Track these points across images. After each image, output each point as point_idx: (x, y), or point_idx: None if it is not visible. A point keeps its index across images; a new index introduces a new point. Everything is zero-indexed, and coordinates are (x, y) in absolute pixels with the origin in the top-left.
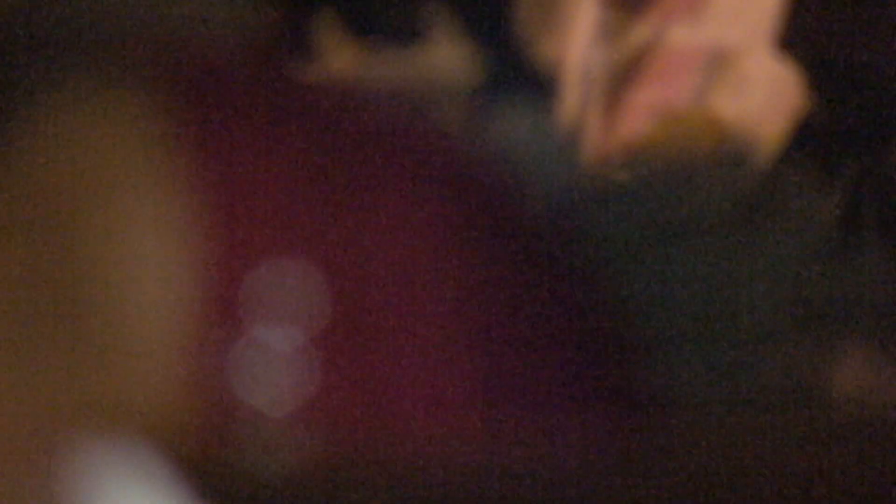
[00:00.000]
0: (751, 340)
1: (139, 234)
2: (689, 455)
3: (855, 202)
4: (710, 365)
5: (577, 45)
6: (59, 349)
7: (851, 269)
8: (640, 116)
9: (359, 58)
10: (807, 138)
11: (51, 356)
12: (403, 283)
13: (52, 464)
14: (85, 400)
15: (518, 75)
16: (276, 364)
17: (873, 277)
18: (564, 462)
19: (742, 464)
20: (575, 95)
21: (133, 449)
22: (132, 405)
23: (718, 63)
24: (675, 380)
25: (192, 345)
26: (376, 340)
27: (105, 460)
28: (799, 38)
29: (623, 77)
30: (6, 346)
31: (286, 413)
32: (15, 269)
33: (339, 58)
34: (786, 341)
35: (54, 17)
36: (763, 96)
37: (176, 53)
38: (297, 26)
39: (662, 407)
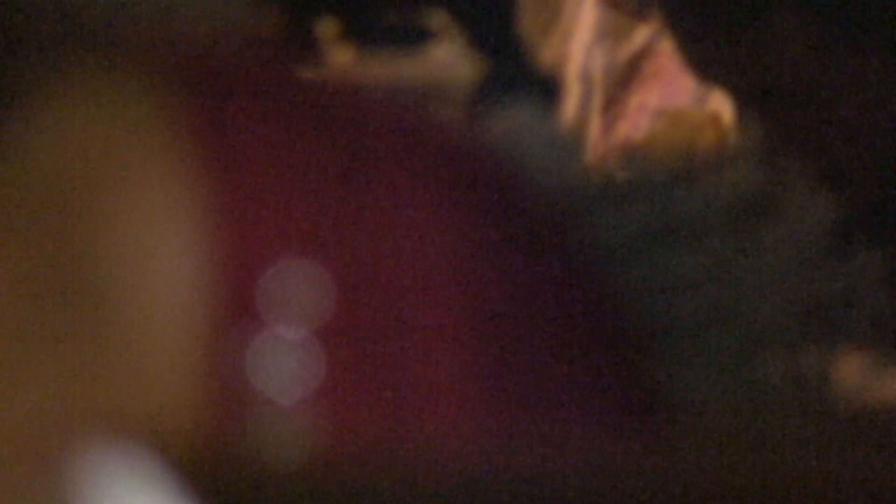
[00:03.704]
0: (750, 340)
1: (147, 233)
2: (690, 455)
3: (852, 203)
4: (710, 364)
5: (578, 46)
6: (65, 348)
7: (849, 269)
8: (640, 116)
9: (360, 58)
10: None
11: (56, 355)
12: (408, 280)
13: (56, 465)
14: (88, 399)
15: (520, 76)
16: (287, 362)
17: (870, 277)
18: (567, 463)
19: (742, 463)
20: (576, 96)
21: (138, 451)
22: (138, 405)
23: None
24: (676, 379)
25: (201, 343)
26: (382, 338)
27: (110, 462)
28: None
29: (623, 78)
30: (11, 346)
31: (295, 412)
32: (21, 267)
33: (340, 58)
34: (786, 341)
35: (60, 12)
36: None
37: (180, 52)
38: (300, 26)
39: (663, 406)
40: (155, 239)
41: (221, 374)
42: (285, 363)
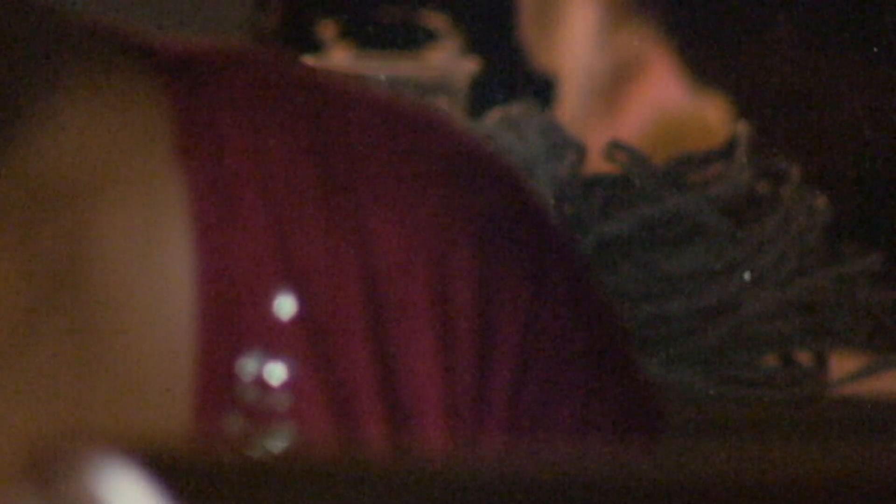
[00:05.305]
0: (745, 337)
1: (143, 240)
2: (685, 450)
3: (846, 202)
4: (705, 361)
5: (576, 46)
6: (60, 354)
7: (842, 268)
8: (636, 116)
9: (360, 58)
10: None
11: (51, 360)
12: (406, 281)
13: (49, 475)
14: (81, 408)
15: (518, 76)
16: (273, 373)
17: (864, 276)
18: (564, 461)
19: (741, 461)
20: (573, 95)
21: (130, 461)
22: (129, 414)
23: None
24: (671, 376)
25: (192, 352)
26: (367, 347)
27: (102, 472)
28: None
29: (620, 78)
30: (8, 349)
31: (283, 421)
32: (17, 274)
33: (340, 58)
34: (780, 338)
35: (62, 12)
36: None
37: (181, 55)
38: (300, 26)
39: (658, 403)
40: (151, 247)
41: (211, 382)
42: (273, 373)
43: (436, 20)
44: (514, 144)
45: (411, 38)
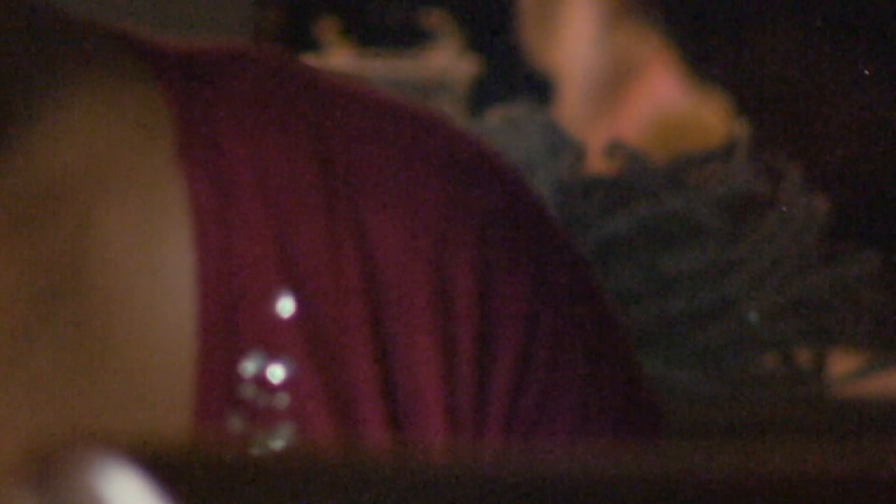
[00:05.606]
0: (744, 336)
1: (144, 242)
2: (687, 452)
3: (845, 201)
4: (704, 360)
5: (575, 46)
6: (60, 356)
7: (841, 267)
8: (635, 116)
9: (360, 58)
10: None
11: (51, 362)
12: (406, 281)
13: (52, 479)
14: (81, 410)
15: (517, 76)
16: (272, 374)
17: (863, 275)
18: (563, 461)
19: (741, 461)
20: (573, 95)
21: (130, 464)
22: (131, 417)
23: None
24: (670, 375)
25: (193, 353)
26: (377, 341)
27: (101, 476)
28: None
29: (619, 78)
30: (9, 353)
31: (281, 424)
32: (19, 270)
33: (340, 58)
34: (779, 337)
35: (63, 12)
36: None
37: (181, 52)
38: (300, 26)
39: (661, 404)
40: (151, 246)
41: (212, 382)
42: (273, 373)
43: (436, 20)
44: (514, 144)
45: (411, 38)
